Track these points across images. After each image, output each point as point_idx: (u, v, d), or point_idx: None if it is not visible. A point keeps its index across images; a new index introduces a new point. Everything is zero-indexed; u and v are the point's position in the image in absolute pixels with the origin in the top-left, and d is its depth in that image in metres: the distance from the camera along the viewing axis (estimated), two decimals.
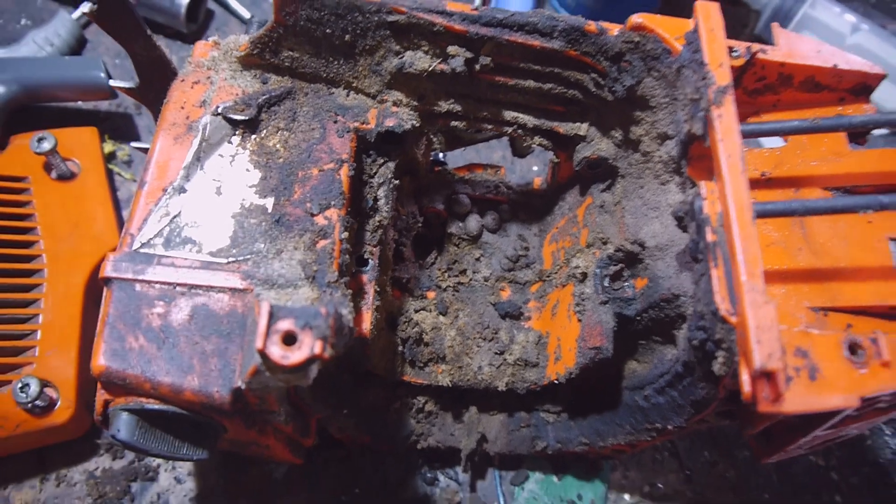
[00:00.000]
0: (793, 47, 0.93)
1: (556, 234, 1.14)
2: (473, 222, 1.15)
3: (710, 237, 0.77)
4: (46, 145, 1.16)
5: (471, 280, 1.15)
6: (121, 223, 1.25)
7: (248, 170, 0.91)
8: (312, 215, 0.88)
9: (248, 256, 0.86)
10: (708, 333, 0.77)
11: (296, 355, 0.71)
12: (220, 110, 0.93)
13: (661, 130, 0.92)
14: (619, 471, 1.19)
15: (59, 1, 1.47)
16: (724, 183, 0.76)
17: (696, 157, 0.88)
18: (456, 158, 1.37)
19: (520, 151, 1.21)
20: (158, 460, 1.13)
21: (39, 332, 1.09)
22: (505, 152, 1.39)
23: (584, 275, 1.01)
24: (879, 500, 1.20)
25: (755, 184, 0.93)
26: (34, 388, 1.03)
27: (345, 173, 0.91)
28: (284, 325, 0.72)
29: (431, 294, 1.13)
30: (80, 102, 1.35)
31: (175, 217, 0.88)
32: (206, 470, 1.13)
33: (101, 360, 0.80)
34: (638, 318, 0.96)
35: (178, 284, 0.84)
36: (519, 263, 1.16)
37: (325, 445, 1.14)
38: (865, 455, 1.23)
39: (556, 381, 1.03)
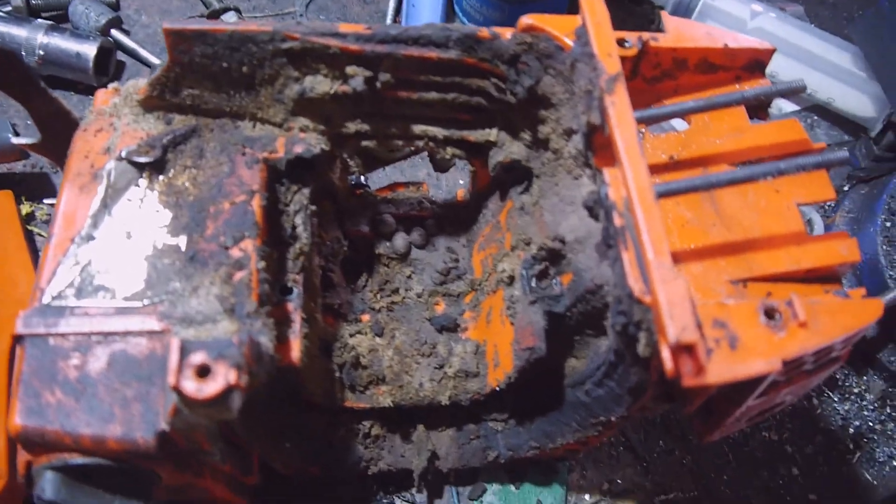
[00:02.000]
0: (682, 32, 0.95)
1: (483, 242, 1.14)
2: (400, 240, 1.15)
3: (617, 221, 0.78)
4: None
5: (404, 298, 1.15)
6: None
7: (157, 211, 0.90)
8: (227, 248, 0.87)
9: (164, 297, 0.84)
10: (627, 317, 0.77)
11: (210, 387, 0.69)
12: (123, 155, 0.92)
13: (566, 126, 0.93)
14: (577, 471, 1.19)
15: None
16: (623, 168, 0.77)
17: (600, 147, 0.89)
18: (378, 179, 1.37)
19: (441, 166, 1.21)
20: None
21: None
22: (429, 170, 1.40)
23: (512, 278, 1.01)
24: (834, 466, 1.21)
25: (664, 168, 0.95)
26: None
27: (257, 203, 0.90)
28: (197, 358, 0.71)
29: (366, 317, 1.12)
30: None
31: (85, 266, 0.86)
32: None
33: (17, 419, 0.77)
34: (568, 313, 0.96)
35: (94, 333, 0.82)
36: (450, 276, 1.16)
37: (274, 484, 1.12)
38: (816, 424, 1.24)
39: (497, 389, 1.02)
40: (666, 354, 0.70)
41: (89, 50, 1.35)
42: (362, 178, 1.22)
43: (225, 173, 0.93)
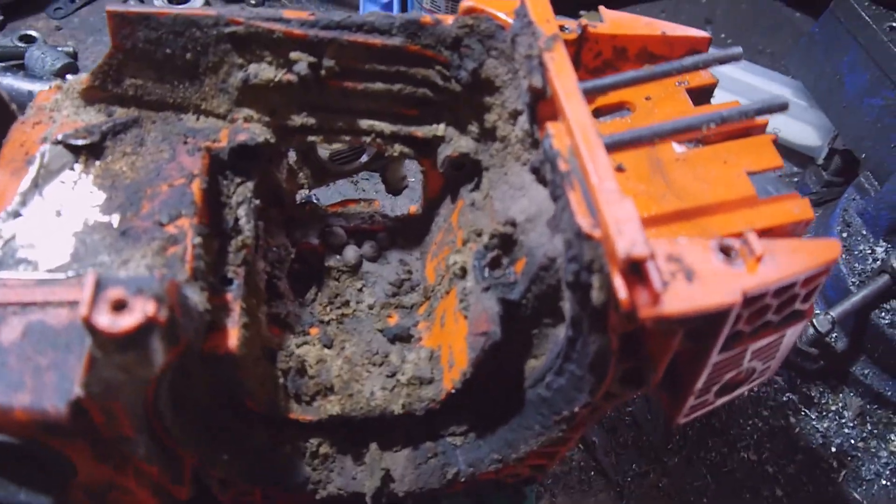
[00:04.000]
0: (621, 21, 0.99)
1: (436, 249, 1.11)
2: (351, 252, 1.12)
3: (562, 167, 0.77)
4: None
5: (355, 311, 1.10)
6: None
7: (91, 192, 0.86)
8: (162, 225, 0.83)
9: (91, 269, 0.79)
10: (578, 261, 0.74)
11: (126, 320, 0.64)
12: (59, 138, 0.89)
13: (511, 108, 0.94)
14: (546, 498, 1.09)
15: None
16: (566, 115, 0.77)
17: (545, 119, 0.88)
18: (330, 198, 1.35)
19: (394, 187, 1.21)
20: None
21: None
22: (384, 200, 1.39)
23: (464, 269, 0.97)
24: (819, 486, 1.13)
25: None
26: None
27: (196, 186, 0.87)
28: (113, 293, 0.65)
29: (314, 330, 1.06)
30: None
31: (8, 241, 0.81)
32: None
33: None
34: (523, 300, 0.92)
35: (10, 304, 0.76)
36: (403, 288, 1.12)
37: None
38: (796, 443, 1.17)
39: (453, 390, 0.96)
40: (619, 282, 0.66)
41: (43, 88, 1.36)
42: (313, 196, 1.20)
43: (165, 159, 0.91)
